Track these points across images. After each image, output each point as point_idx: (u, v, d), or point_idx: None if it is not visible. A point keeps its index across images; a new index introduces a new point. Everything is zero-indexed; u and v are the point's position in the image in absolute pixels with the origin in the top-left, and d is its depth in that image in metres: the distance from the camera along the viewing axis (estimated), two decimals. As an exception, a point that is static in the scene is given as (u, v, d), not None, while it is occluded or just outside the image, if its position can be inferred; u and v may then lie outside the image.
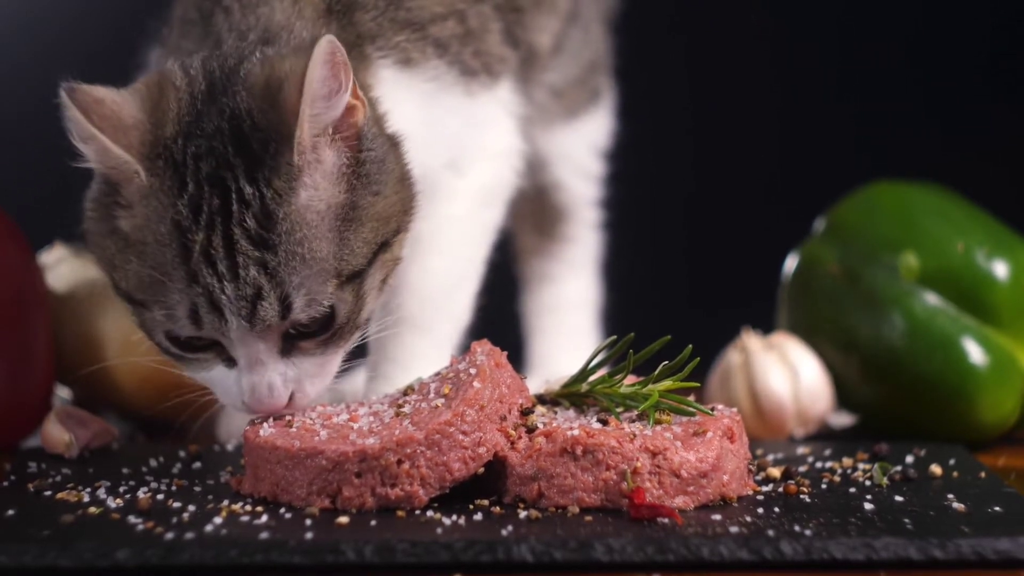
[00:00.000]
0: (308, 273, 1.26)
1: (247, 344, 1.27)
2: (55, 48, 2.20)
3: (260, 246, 1.25)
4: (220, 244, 1.24)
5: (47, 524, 1.19)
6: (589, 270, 1.81)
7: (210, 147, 1.26)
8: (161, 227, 1.26)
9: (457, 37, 1.47)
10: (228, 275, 1.24)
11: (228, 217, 1.25)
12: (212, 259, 1.24)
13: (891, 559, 1.15)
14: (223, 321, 1.26)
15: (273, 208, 1.25)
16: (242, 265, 1.24)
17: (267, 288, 1.25)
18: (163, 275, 1.26)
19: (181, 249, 1.25)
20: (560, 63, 1.68)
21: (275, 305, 1.25)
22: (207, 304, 1.25)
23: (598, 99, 1.78)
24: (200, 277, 1.25)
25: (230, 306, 1.25)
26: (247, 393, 1.30)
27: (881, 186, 1.65)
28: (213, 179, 1.25)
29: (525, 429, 1.27)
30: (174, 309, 1.26)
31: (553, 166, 1.75)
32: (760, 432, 1.56)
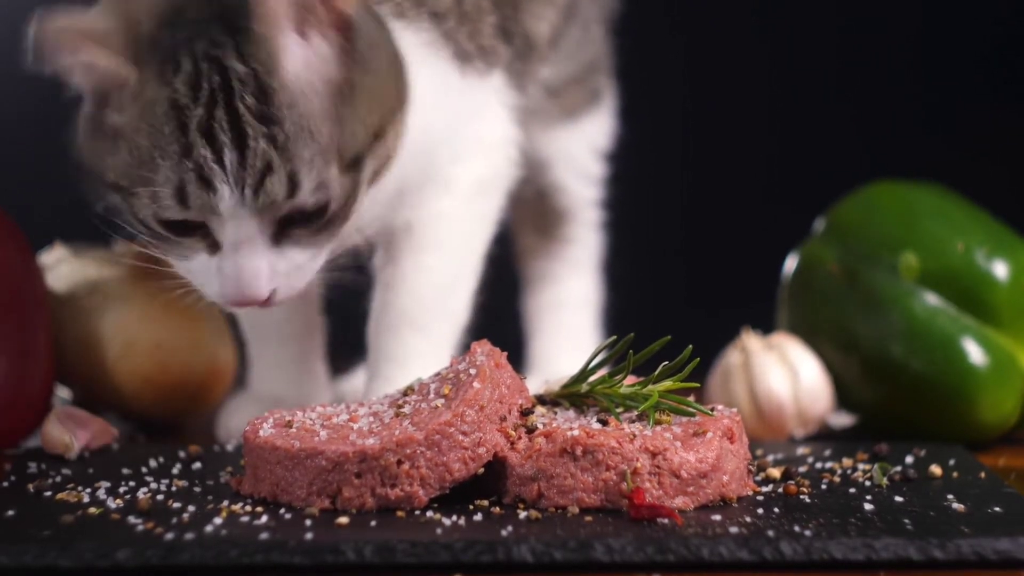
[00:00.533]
0: (315, 152, 1.25)
1: (239, 222, 1.26)
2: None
3: (265, 121, 1.24)
4: (224, 118, 1.24)
5: (47, 524, 1.19)
6: (590, 270, 1.80)
7: (200, 29, 1.26)
8: (156, 108, 1.25)
9: (453, 13, 1.46)
10: (232, 146, 1.24)
11: (230, 93, 1.24)
12: (212, 132, 1.24)
13: (891, 559, 1.15)
14: (213, 194, 1.24)
15: (267, 82, 1.24)
16: (251, 136, 1.24)
17: (277, 162, 1.24)
18: (152, 155, 1.25)
19: (178, 125, 1.24)
20: (557, 59, 1.68)
21: (284, 181, 1.25)
22: (196, 179, 1.24)
23: (598, 100, 1.78)
24: (194, 150, 1.24)
25: (230, 178, 1.24)
26: (230, 277, 1.28)
27: (881, 186, 1.65)
28: (209, 57, 1.25)
29: (525, 429, 1.27)
30: (160, 190, 1.25)
31: (553, 168, 1.75)
32: (760, 432, 1.56)
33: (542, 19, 1.61)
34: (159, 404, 1.62)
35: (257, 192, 1.25)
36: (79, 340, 1.61)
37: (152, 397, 1.61)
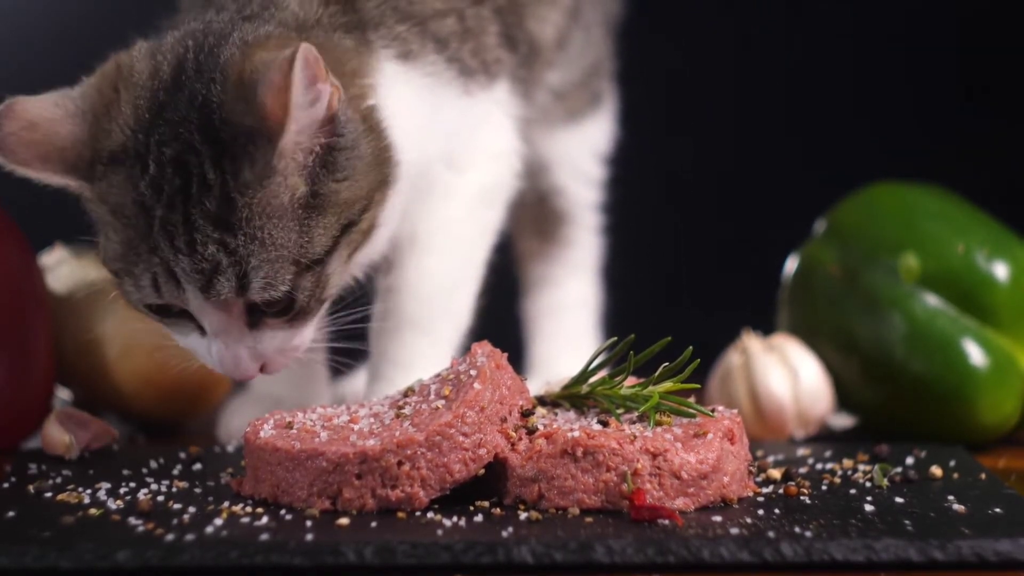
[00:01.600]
0: (266, 257, 1.28)
1: (208, 314, 1.30)
2: (55, 48, 2.20)
3: (219, 227, 1.27)
4: (180, 221, 1.27)
5: (47, 525, 1.19)
6: (589, 273, 1.81)
7: (176, 133, 1.28)
8: (126, 207, 1.29)
9: (456, 35, 1.47)
10: (185, 249, 1.27)
11: (187, 198, 1.27)
12: (171, 234, 1.27)
13: (891, 560, 1.15)
14: (180, 291, 1.29)
15: (235, 196, 1.27)
16: (199, 242, 1.27)
17: (225, 264, 1.27)
18: (129, 248, 1.29)
19: (144, 224, 1.28)
20: (563, 61, 1.68)
21: (232, 280, 1.28)
22: (164, 274, 1.29)
23: (599, 103, 1.78)
24: (159, 250, 1.28)
25: (185, 277, 1.28)
26: (218, 361, 1.33)
27: (881, 187, 1.65)
28: (176, 162, 1.27)
29: (526, 431, 1.27)
30: (139, 279, 1.30)
31: (554, 170, 1.75)
32: (760, 433, 1.56)
33: (546, 22, 1.62)
34: (159, 405, 1.62)
35: (208, 291, 1.28)
36: (79, 341, 1.60)
37: (152, 398, 1.61)
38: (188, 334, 1.34)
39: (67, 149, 1.30)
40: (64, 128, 1.30)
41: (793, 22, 2.33)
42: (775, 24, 2.33)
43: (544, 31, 1.62)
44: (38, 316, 1.53)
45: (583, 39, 1.72)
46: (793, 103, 2.33)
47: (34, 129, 1.29)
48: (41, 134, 1.29)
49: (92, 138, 1.30)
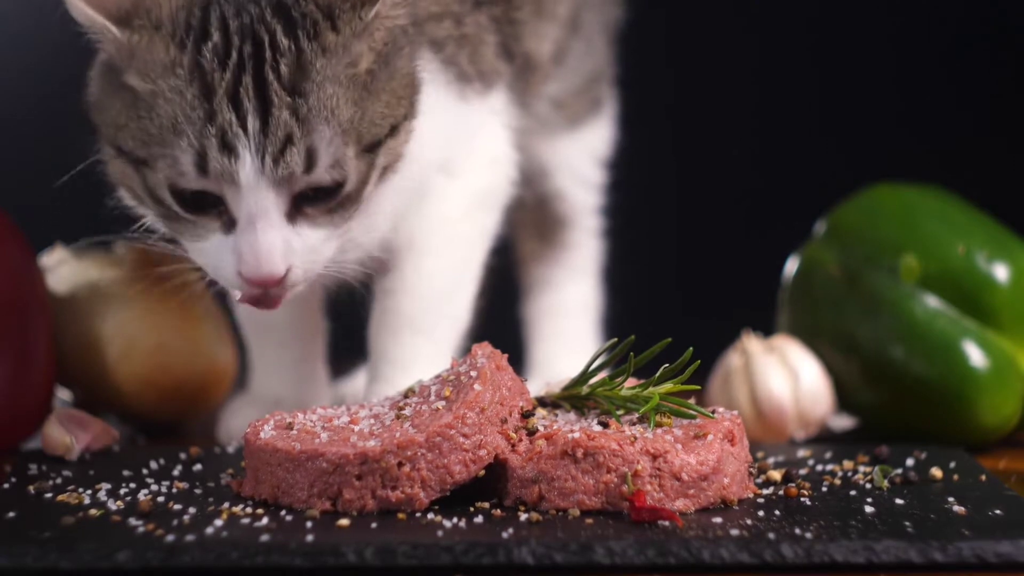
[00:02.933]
0: (336, 131, 1.26)
1: (258, 193, 1.25)
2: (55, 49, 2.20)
3: (293, 93, 1.25)
4: (250, 85, 1.24)
5: (48, 526, 1.19)
6: (590, 276, 1.81)
7: (240, 8, 1.26)
8: (180, 73, 1.25)
9: (453, 39, 1.47)
10: (256, 114, 1.24)
11: (261, 62, 1.25)
12: (238, 98, 1.24)
13: (892, 562, 1.15)
14: (235, 160, 1.24)
15: (311, 60, 1.25)
16: (275, 105, 1.24)
17: (297, 135, 1.25)
18: (174, 120, 1.25)
19: (202, 90, 1.24)
20: (562, 73, 1.69)
21: (302, 154, 1.25)
22: (219, 145, 1.24)
23: (599, 109, 1.78)
24: (218, 117, 1.24)
25: (251, 146, 1.24)
26: (245, 254, 1.27)
27: (882, 189, 1.65)
28: (245, 31, 1.26)
29: (526, 432, 1.27)
30: (179, 158, 1.25)
31: (554, 175, 1.75)
32: (761, 435, 1.56)
33: (544, 39, 1.62)
34: (160, 406, 1.62)
35: (277, 162, 1.25)
36: (80, 341, 1.61)
37: (153, 399, 1.61)
38: (206, 236, 1.28)
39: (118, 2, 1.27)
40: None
41: (793, 25, 2.33)
42: (774, 26, 2.33)
43: (541, 48, 1.62)
44: (38, 317, 1.53)
45: (583, 49, 1.72)
46: (793, 104, 2.33)
47: None
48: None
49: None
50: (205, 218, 1.29)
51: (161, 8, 1.27)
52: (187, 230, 1.30)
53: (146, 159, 1.27)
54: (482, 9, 1.51)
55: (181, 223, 1.30)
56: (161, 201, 1.29)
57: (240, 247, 1.27)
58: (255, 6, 1.27)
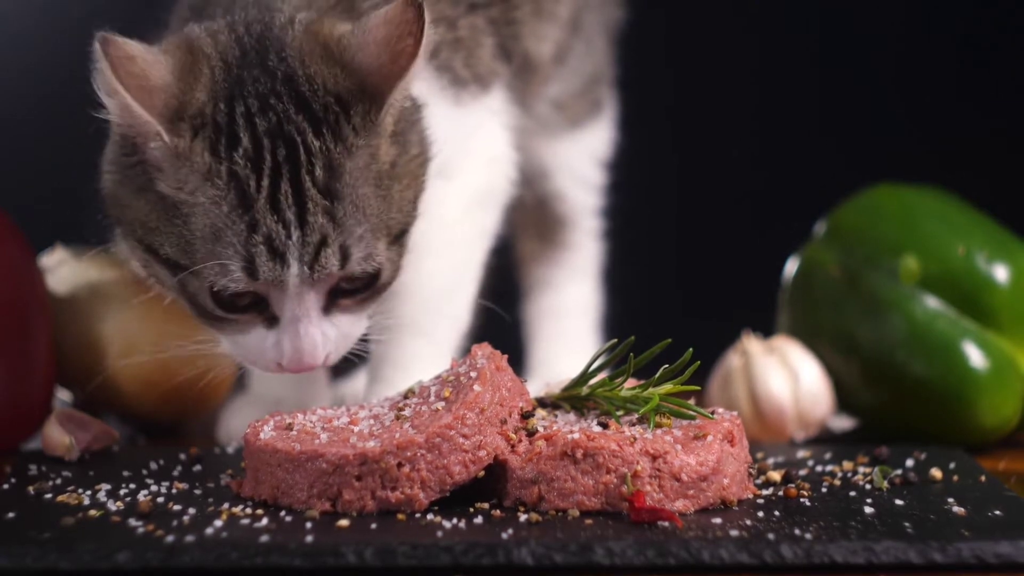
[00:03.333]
0: (367, 227, 1.29)
1: (300, 295, 1.29)
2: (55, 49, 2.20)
3: (327, 196, 1.27)
4: (289, 191, 1.26)
5: (47, 526, 1.19)
6: (589, 278, 1.81)
7: (264, 105, 1.28)
8: (216, 181, 1.26)
9: (447, 43, 1.47)
10: (296, 221, 1.26)
11: (297, 167, 1.26)
12: (279, 206, 1.26)
13: (891, 563, 1.15)
14: (284, 268, 1.27)
15: (341, 161, 1.27)
16: (311, 212, 1.27)
17: (332, 236, 1.27)
18: (217, 230, 1.26)
19: (240, 199, 1.26)
20: (563, 74, 1.69)
21: (336, 254, 1.28)
22: (267, 252, 1.27)
23: (599, 110, 1.79)
24: (262, 226, 1.26)
25: (293, 252, 1.27)
26: (289, 351, 1.31)
27: (882, 189, 1.65)
28: (275, 133, 1.27)
29: (525, 432, 1.27)
30: (228, 263, 1.27)
31: (555, 176, 1.76)
32: (760, 435, 1.56)
33: (544, 39, 1.62)
34: (159, 406, 1.62)
35: (313, 265, 1.28)
36: (80, 342, 1.60)
37: (152, 399, 1.61)
38: (248, 331, 1.32)
39: (158, 90, 1.27)
40: (155, 71, 1.27)
41: (793, 25, 2.33)
42: (774, 27, 2.33)
43: (541, 49, 1.62)
44: (38, 317, 1.53)
45: (583, 50, 1.73)
46: (793, 105, 2.33)
47: (132, 62, 1.26)
48: (138, 68, 1.26)
49: (180, 91, 1.27)
50: (246, 316, 1.32)
51: (192, 105, 1.28)
52: (226, 327, 1.33)
53: (188, 266, 1.29)
54: (478, 12, 1.51)
55: (219, 321, 1.33)
56: (198, 304, 1.31)
57: (283, 345, 1.32)
58: (278, 101, 1.28)
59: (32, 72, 2.21)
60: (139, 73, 1.26)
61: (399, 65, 1.28)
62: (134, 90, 1.25)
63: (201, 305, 1.31)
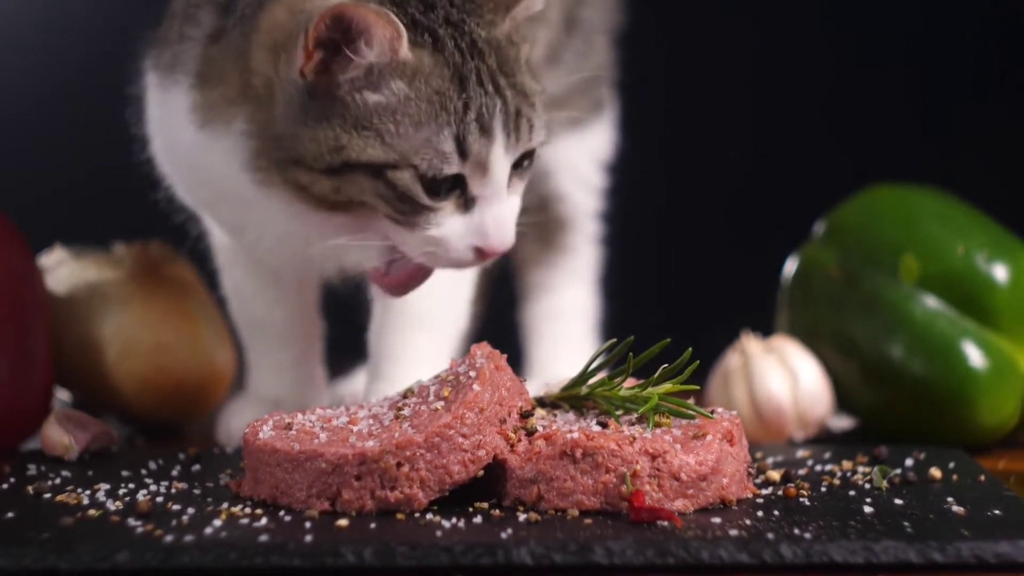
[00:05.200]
0: (534, 101, 1.35)
1: (502, 168, 1.32)
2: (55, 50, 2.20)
3: (504, 75, 1.33)
4: (486, 69, 1.32)
5: (47, 527, 1.19)
6: (587, 281, 1.82)
7: (427, 3, 1.33)
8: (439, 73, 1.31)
9: None
10: (495, 95, 1.32)
11: (480, 54, 1.32)
12: (484, 83, 1.32)
13: (891, 562, 1.15)
14: (491, 140, 1.31)
15: (505, 48, 1.34)
16: (503, 86, 1.32)
17: (524, 108, 1.33)
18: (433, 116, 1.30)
19: (459, 85, 1.31)
20: (558, 73, 1.69)
21: (527, 124, 1.33)
22: (477, 128, 1.31)
23: (600, 110, 1.79)
24: (473, 101, 1.31)
25: (498, 124, 1.31)
26: (492, 228, 1.33)
27: (881, 189, 1.65)
28: (450, 22, 1.32)
29: (525, 432, 1.27)
30: (440, 146, 1.30)
31: (556, 176, 1.76)
32: (760, 435, 1.56)
33: (534, 42, 1.62)
34: (158, 406, 1.62)
35: (516, 136, 1.33)
36: (79, 342, 1.61)
37: (151, 399, 1.61)
38: (441, 221, 1.33)
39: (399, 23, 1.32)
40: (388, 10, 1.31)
41: (792, 26, 2.33)
42: (773, 27, 2.33)
43: (532, 52, 1.62)
44: (37, 317, 1.53)
45: (582, 48, 1.73)
46: (792, 105, 2.33)
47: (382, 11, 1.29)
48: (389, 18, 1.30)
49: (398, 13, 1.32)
50: (444, 202, 1.33)
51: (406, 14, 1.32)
52: (421, 219, 1.33)
53: (396, 162, 1.31)
54: None
55: (416, 215, 1.33)
56: (409, 198, 1.32)
57: (485, 224, 1.33)
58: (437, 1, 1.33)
59: (32, 72, 2.21)
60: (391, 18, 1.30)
61: None
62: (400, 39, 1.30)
63: (409, 198, 1.32)
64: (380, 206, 1.32)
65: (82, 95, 2.07)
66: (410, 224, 1.33)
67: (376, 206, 1.33)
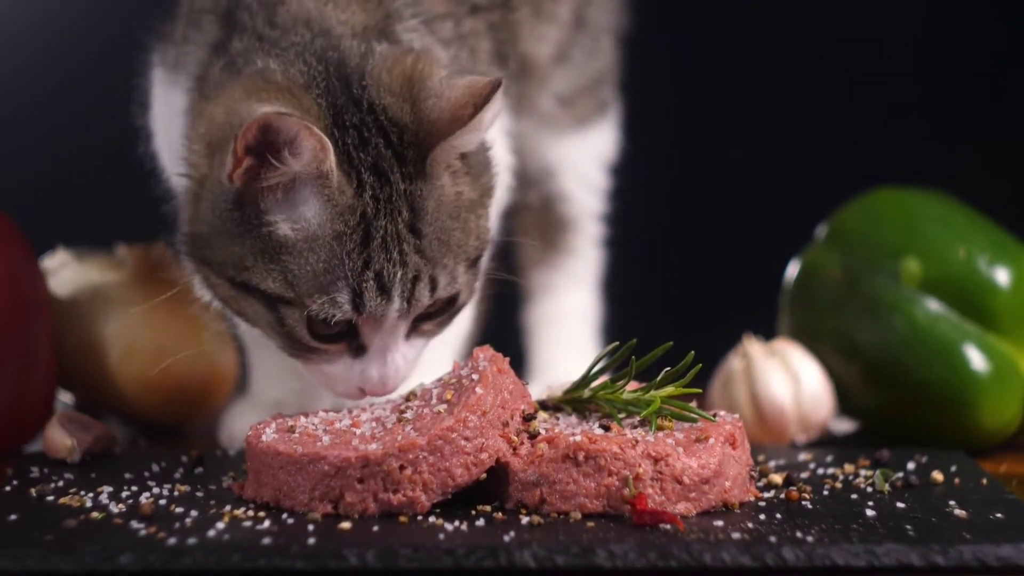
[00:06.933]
0: (451, 257, 1.32)
1: (393, 328, 1.32)
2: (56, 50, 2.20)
3: (415, 234, 1.30)
4: (394, 232, 1.29)
5: (50, 529, 1.19)
6: (589, 284, 1.82)
7: (362, 139, 1.30)
8: (349, 218, 1.28)
9: (455, 39, 1.47)
10: (399, 260, 1.29)
11: (392, 208, 1.29)
12: (388, 246, 1.29)
13: (893, 565, 1.15)
14: (388, 303, 1.29)
15: (422, 200, 1.30)
16: (407, 251, 1.29)
17: (424, 271, 1.30)
18: (332, 265, 1.28)
19: (363, 237, 1.29)
20: (566, 71, 1.69)
21: (427, 286, 1.31)
22: (376, 288, 1.29)
23: (605, 111, 1.79)
24: (374, 263, 1.29)
25: (397, 288, 1.29)
26: (376, 378, 1.33)
27: (883, 192, 1.65)
28: (376, 170, 1.29)
29: (527, 435, 1.27)
30: (337, 297, 1.29)
31: (560, 176, 1.76)
32: (762, 438, 1.56)
33: (544, 40, 1.62)
34: (161, 408, 1.62)
35: (411, 300, 1.30)
36: (81, 344, 1.61)
37: (154, 401, 1.61)
38: (334, 361, 1.33)
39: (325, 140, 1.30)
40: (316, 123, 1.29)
41: (794, 28, 2.33)
42: (776, 31, 2.33)
43: (540, 50, 1.62)
44: (40, 319, 1.53)
45: (590, 46, 1.73)
46: (794, 108, 2.33)
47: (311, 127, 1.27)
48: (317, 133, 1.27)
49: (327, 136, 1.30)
50: (336, 346, 1.33)
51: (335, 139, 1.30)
52: (313, 356, 1.34)
53: (291, 299, 1.30)
54: (479, 15, 1.51)
55: (308, 351, 1.33)
56: (290, 334, 1.32)
57: (370, 373, 1.33)
58: (370, 134, 1.30)
59: (32, 73, 2.21)
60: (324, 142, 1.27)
61: (450, 127, 1.29)
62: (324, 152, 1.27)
63: (294, 336, 1.32)
64: (271, 336, 1.33)
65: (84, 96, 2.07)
66: (300, 357, 1.34)
67: (267, 334, 1.34)
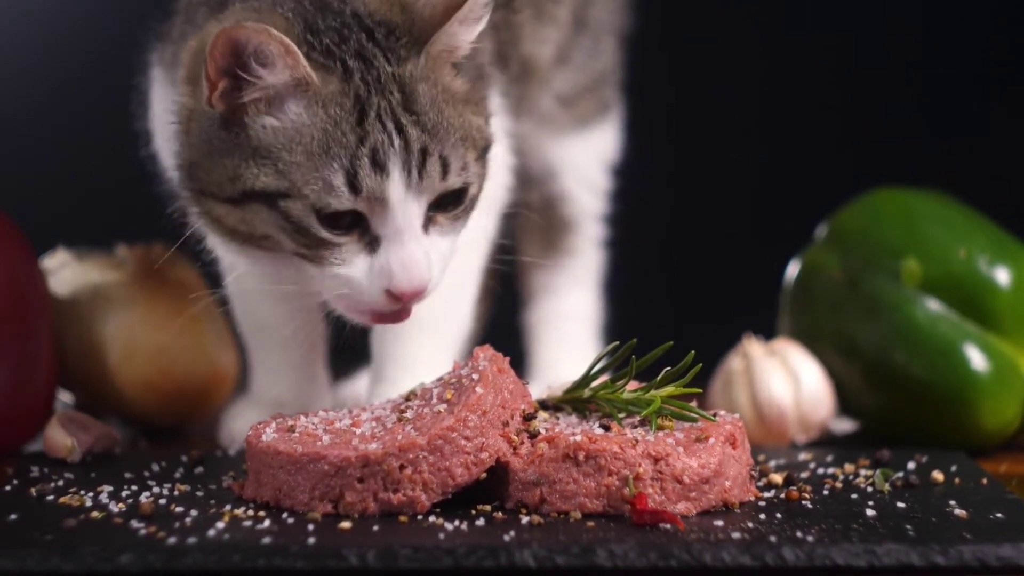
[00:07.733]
0: (456, 140, 1.32)
1: (404, 207, 1.30)
2: (56, 50, 2.21)
3: (410, 112, 1.31)
4: (387, 107, 1.30)
5: (50, 529, 1.19)
6: (590, 285, 1.82)
7: (342, 36, 1.31)
8: (340, 102, 1.30)
9: None
10: (396, 131, 1.29)
11: (382, 88, 1.30)
12: (383, 120, 1.29)
13: (893, 565, 1.15)
14: (386, 178, 1.29)
15: (413, 85, 1.31)
16: (405, 123, 1.30)
17: (432, 146, 1.30)
18: (325, 147, 1.29)
19: (359, 117, 1.29)
20: (568, 72, 1.69)
21: (438, 163, 1.30)
22: (370, 164, 1.28)
23: (607, 111, 1.79)
24: (370, 136, 1.29)
25: (395, 161, 1.29)
26: (397, 267, 1.31)
27: (883, 193, 1.65)
28: (361, 57, 1.31)
29: (527, 434, 1.27)
30: (330, 180, 1.28)
31: (562, 176, 1.76)
32: (762, 438, 1.56)
33: (545, 42, 1.63)
34: (161, 408, 1.62)
35: (421, 174, 1.30)
36: (81, 344, 1.61)
37: (154, 401, 1.61)
38: (350, 260, 1.31)
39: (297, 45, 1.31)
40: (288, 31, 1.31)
41: (794, 29, 2.33)
42: (777, 28, 2.33)
43: (542, 52, 1.63)
44: (40, 319, 1.53)
45: (591, 47, 1.73)
46: (794, 108, 2.33)
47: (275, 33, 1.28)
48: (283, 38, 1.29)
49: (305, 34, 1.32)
50: (346, 239, 1.31)
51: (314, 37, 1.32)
52: (328, 256, 1.32)
53: (287, 190, 1.29)
54: None
55: (323, 249, 1.32)
56: (305, 230, 1.31)
57: (390, 263, 1.31)
58: (350, 32, 1.32)
59: (32, 73, 2.21)
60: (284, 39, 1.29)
61: (444, 17, 1.31)
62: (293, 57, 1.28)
63: (303, 227, 1.30)
64: (282, 239, 1.32)
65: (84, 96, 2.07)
66: (316, 259, 1.32)
67: (279, 240, 1.32)
